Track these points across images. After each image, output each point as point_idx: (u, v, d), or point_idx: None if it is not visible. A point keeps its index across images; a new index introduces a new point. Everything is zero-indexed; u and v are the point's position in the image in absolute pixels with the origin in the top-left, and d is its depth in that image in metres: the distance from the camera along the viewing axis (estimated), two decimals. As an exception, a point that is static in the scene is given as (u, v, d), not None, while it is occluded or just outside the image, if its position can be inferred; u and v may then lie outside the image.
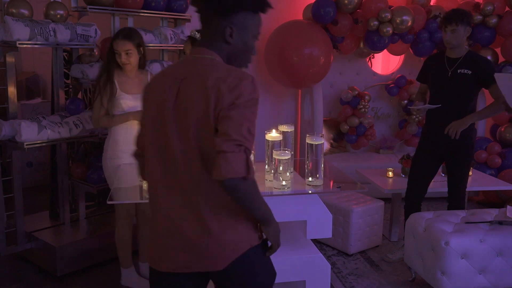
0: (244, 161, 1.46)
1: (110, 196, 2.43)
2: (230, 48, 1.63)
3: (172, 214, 1.60)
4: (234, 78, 1.52)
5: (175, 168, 1.58)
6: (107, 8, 3.64)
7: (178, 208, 1.59)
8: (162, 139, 1.60)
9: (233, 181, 1.45)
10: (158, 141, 1.61)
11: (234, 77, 1.52)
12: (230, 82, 1.51)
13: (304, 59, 4.81)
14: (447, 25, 3.30)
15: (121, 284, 3.28)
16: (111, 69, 3.04)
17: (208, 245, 1.57)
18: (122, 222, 3.21)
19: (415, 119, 5.47)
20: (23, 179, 3.71)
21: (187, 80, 1.57)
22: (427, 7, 5.08)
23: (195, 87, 1.54)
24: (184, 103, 1.56)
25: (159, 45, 3.94)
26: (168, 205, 1.61)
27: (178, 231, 1.59)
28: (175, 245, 1.61)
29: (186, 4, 4.20)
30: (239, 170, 1.44)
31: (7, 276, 3.47)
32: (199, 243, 1.57)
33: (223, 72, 1.54)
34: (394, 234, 4.17)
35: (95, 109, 3.07)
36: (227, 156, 1.44)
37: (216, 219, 1.56)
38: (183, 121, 1.55)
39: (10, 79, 3.37)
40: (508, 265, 3.03)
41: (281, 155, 2.33)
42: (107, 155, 3.12)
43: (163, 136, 1.59)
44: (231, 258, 1.59)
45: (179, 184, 1.59)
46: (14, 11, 3.27)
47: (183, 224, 1.58)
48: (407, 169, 4.12)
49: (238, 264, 1.60)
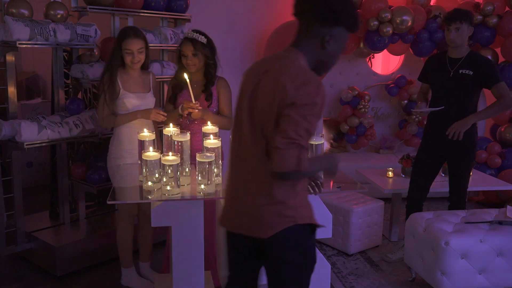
0: (296, 156, 1.66)
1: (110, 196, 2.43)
2: (323, 54, 1.85)
3: (239, 181, 1.87)
4: (302, 80, 1.71)
5: (245, 146, 1.84)
6: (107, 8, 3.64)
7: (244, 177, 1.85)
8: (238, 121, 1.88)
9: (283, 174, 1.69)
10: (236, 122, 1.90)
11: (302, 79, 1.71)
12: (297, 82, 1.70)
13: (304, 59, 4.81)
14: (451, 23, 3.30)
15: (121, 284, 3.28)
16: (114, 68, 3.04)
17: (259, 213, 1.79)
18: (124, 221, 3.22)
19: (415, 119, 5.48)
20: (23, 179, 3.70)
21: (267, 73, 1.80)
22: (427, 7, 5.09)
23: (270, 81, 1.76)
24: (258, 93, 1.80)
25: (159, 45, 3.94)
26: (237, 173, 1.89)
27: (240, 196, 1.86)
28: (236, 207, 1.88)
29: (186, 4, 4.20)
30: (290, 165, 1.65)
31: (7, 276, 3.47)
32: (253, 210, 1.81)
33: (295, 72, 1.74)
34: (394, 234, 4.17)
35: (99, 109, 3.06)
36: (281, 152, 1.66)
37: (271, 192, 1.77)
38: (252, 108, 1.81)
39: (10, 79, 3.37)
40: (508, 265, 3.03)
41: (281, 155, 2.33)
42: (112, 154, 3.12)
43: (238, 119, 1.87)
44: (276, 230, 1.77)
45: (247, 158, 1.84)
46: (14, 11, 3.26)
47: (246, 191, 1.84)
48: (407, 169, 4.12)
49: (281, 236, 1.78)
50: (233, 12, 5.02)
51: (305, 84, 1.70)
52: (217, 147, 2.44)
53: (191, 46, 3.01)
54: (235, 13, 5.03)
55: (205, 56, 3.04)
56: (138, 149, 2.65)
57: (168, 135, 2.63)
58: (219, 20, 4.89)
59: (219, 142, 2.47)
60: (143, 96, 3.13)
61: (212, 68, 3.09)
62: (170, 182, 2.29)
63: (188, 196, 2.38)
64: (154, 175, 2.34)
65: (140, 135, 2.63)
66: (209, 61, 3.07)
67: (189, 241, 2.37)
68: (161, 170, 2.33)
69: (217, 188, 2.42)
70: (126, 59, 3.02)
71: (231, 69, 4.88)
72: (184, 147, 2.52)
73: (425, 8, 5.05)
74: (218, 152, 2.45)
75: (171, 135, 2.57)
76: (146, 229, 3.30)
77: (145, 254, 3.37)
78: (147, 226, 3.24)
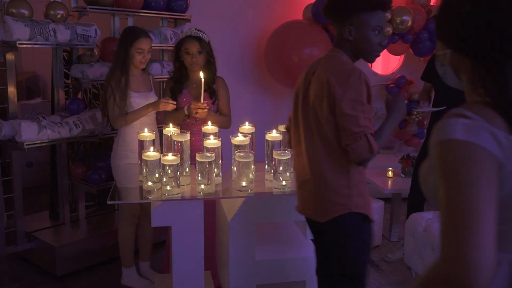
0: (365, 146, 1.84)
1: (110, 196, 2.43)
2: (352, 44, 1.98)
3: (301, 171, 2.08)
4: (344, 74, 1.90)
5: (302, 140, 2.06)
6: (107, 8, 3.64)
7: (304, 168, 2.05)
8: (295, 117, 2.11)
9: (361, 162, 1.90)
10: (294, 120, 2.13)
11: (343, 73, 1.90)
12: (340, 76, 1.90)
13: (304, 59, 4.81)
14: None
15: (122, 283, 3.28)
16: (126, 68, 3.04)
17: (318, 199, 2.00)
18: (126, 221, 3.22)
19: (415, 119, 5.47)
20: (23, 179, 3.70)
21: (316, 72, 2.00)
22: (427, 7, 5.08)
23: (318, 79, 1.97)
24: (309, 93, 2.02)
25: (159, 45, 3.94)
26: (298, 164, 2.10)
27: (305, 183, 2.06)
28: (301, 193, 2.10)
29: (186, 4, 4.20)
30: (363, 154, 1.85)
31: (7, 276, 3.47)
32: (315, 196, 2.02)
33: (337, 67, 1.94)
34: (394, 234, 4.17)
35: (110, 110, 3.06)
36: (352, 148, 1.85)
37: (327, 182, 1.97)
38: (306, 105, 2.02)
39: (10, 79, 3.37)
40: (508, 265, 3.03)
41: (281, 155, 2.34)
42: (116, 154, 3.12)
43: (296, 115, 2.10)
44: (333, 215, 1.96)
45: (305, 152, 2.04)
46: (14, 11, 3.26)
47: (306, 180, 2.05)
48: (407, 169, 4.12)
49: (336, 222, 1.97)
50: (233, 12, 5.02)
51: (348, 76, 1.88)
52: (217, 147, 2.44)
53: (197, 43, 3.00)
54: (235, 13, 5.03)
55: (208, 54, 3.05)
56: (138, 149, 2.65)
57: (168, 135, 2.63)
58: (219, 20, 4.88)
59: (219, 142, 2.47)
60: (146, 95, 3.14)
61: (213, 66, 3.10)
62: (170, 182, 2.29)
63: (188, 196, 2.38)
64: (154, 175, 2.34)
65: (140, 135, 2.62)
66: (211, 59, 3.07)
67: (189, 241, 2.37)
68: (161, 170, 2.33)
69: (217, 188, 2.42)
70: (135, 59, 3.04)
71: (230, 69, 4.88)
72: (184, 147, 2.52)
73: (425, 8, 5.05)
74: (218, 152, 2.45)
75: (171, 135, 2.57)
76: (146, 228, 3.31)
77: (145, 253, 3.37)
78: (148, 225, 3.25)
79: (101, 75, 3.53)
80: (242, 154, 2.31)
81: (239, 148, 2.41)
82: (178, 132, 2.60)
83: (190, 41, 3.00)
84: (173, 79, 3.14)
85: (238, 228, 2.35)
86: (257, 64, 5.26)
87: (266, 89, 5.38)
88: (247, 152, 2.35)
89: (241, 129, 2.68)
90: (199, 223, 2.37)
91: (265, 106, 5.33)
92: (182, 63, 3.10)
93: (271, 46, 5.00)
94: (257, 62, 5.26)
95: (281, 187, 2.36)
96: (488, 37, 1.07)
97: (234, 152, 2.40)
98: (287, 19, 5.08)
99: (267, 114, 5.29)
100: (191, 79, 3.14)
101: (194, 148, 2.90)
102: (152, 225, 2.42)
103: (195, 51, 2.99)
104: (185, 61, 3.06)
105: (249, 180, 2.34)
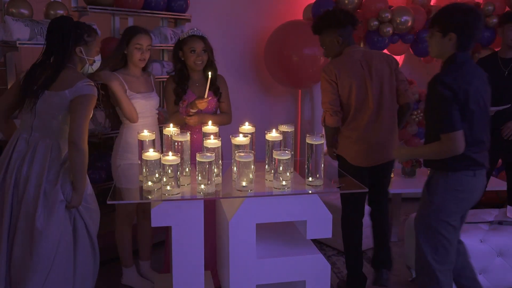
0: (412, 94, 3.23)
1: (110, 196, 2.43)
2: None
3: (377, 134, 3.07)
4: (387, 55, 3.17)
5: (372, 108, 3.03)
6: (107, 8, 3.64)
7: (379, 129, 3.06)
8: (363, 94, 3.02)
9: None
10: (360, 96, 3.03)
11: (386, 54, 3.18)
12: (388, 56, 3.13)
13: (304, 59, 4.81)
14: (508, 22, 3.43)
15: (122, 283, 3.28)
16: (113, 64, 3.07)
17: (390, 146, 3.06)
18: (121, 221, 3.22)
19: (415, 119, 5.47)
20: (23, 179, 3.68)
21: (373, 58, 3.04)
22: (427, 7, 5.08)
23: (381, 61, 3.05)
24: (377, 71, 3.01)
25: (159, 45, 3.94)
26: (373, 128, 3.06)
27: (380, 143, 3.08)
28: (376, 148, 3.08)
29: (186, 4, 4.20)
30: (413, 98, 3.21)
31: (7, 276, 3.46)
32: (387, 145, 3.07)
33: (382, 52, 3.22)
34: (394, 234, 4.17)
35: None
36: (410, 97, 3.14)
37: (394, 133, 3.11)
38: (379, 79, 3.02)
39: (10, 79, 3.37)
40: (508, 265, 3.03)
41: (281, 155, 2.34)
42: (117, 155, 3.13)
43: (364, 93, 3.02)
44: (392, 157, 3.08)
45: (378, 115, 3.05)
46: (14, 11, 3.27)
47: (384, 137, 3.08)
48: (407, 169, 4.12)
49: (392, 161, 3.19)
50: (233, 12, 5.03)
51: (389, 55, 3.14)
52: (217, 147, 2.44)
53: (202, 42, 3.06)
54: (235, 13, 5.04)
55: (210, 52, 3.10)
56: (138, 149, 2.65)
57: (168, 135, 2.63)
58: (219, 20, 4.89)
59: (219, 142, 2.46)
60: (148, 95, 3.14)
61: (215, 64, 3.16)
62: (170, 182, 2.29)
63: (188, 196, 2.38)
64: (154, 175, 2.34)
65: (140, 135, 2.62)
66: (212, 58, 3.13)
67: (189, 241, 2.37)
68: (161, 170, 2.33)
69: (217, 188, 2.42)
70: (134, 55, 3.04)
71: (230, 69, 4.89)
72: (184, 147, 2.52)
73: (425, 8, 5.05)
74: (218, 152, 2.44)
75: (171, 135, 2.57)
76: (145, 227, 3.31)
77: (145, 252, 3.38)
78: (146, 224, 3.25)
79: (101, 75, 3.52)
80: (242, 154, 2.31)
81: (239, 148, 2.41)
82: (178, 132, 2.60)
83: (195, 40, 3.06)
84: (175, 80, 3.15)
85: (238, 228, 2.35)
86: (257, 64, 5.27)
87: (266, 89, 5.38)
88: (247, 152, 2.35)
89: (241, 129, 2.68)
90: (199, 223, 2.37)
91: (265, 106, 5.33)
92: (183, 64, 3.12)
93: (271, 46, 5.00)
94: (257, 62, 5.26)
95: (281, 187, 2.36)
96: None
97: (234, 152, 2.40)
98: (287, 19, 5.08)
99: (267, 114, 5.30)
100: (193, 78, 3.16)
101: (194, 148, 2.91)
102: (152, 225, 2.41)
103: (200, 50, 3.05)
104: (187, 60, 3.08)
105: (249, 180, 2.34)
